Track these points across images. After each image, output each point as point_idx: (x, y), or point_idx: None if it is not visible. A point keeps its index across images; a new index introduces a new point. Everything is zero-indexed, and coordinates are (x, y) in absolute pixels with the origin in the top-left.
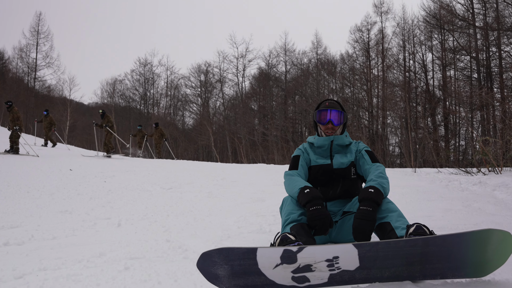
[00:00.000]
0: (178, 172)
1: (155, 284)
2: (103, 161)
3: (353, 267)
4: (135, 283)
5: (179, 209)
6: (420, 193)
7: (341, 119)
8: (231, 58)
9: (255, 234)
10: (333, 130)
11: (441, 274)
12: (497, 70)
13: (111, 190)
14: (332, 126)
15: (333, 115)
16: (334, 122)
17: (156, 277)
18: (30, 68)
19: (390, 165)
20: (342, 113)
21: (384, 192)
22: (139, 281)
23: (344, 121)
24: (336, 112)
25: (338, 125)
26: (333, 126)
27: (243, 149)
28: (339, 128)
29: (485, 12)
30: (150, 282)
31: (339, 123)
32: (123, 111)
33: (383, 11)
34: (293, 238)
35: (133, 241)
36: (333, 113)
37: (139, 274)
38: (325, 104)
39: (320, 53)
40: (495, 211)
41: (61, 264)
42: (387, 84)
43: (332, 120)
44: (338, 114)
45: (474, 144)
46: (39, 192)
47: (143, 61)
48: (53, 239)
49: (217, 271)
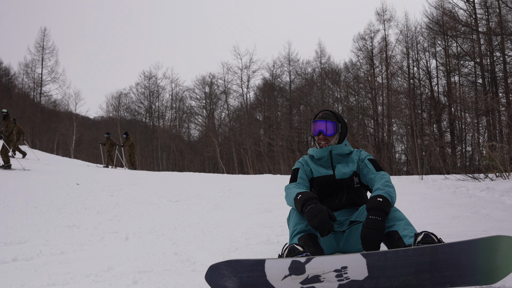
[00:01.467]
0: (185, 184)
1: None
2: (110, 175)
3: (362, 277)
4: None
5: (186, 221)
6: (427, 200)
7: (334, 130)
8: (235, 69)
9: (263, 246)
10: (326, 140)
11: (451, 282)
12: (502, 75)
13: (118, 203)
14: (324, 137)
15: (324, 126)
16: (324, 132)
17: None
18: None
19: (396, 173)
20: (335, 123)
21: (391, 201)
22: None
23: (339, 131)
24: (328, 123)
25: (330, 135)
26: (324, 137)
27: (249, 160)
28: (333, 138)
29: (487, 17)
30: None
31: (332, 133)
32: (128, 124)
33: (386, 19)
34: (301, 249)
35: (141, 254)
36: (325, 124)
37: (147, 287)
38: (319, 115)
39: (324, 62)
40: (504, 217)
41: (69, 279)
42: (391, 92)
43: (323, 130)
44: (331, 125)
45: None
46: (47, 207)
47: (147, 74)
48: (61, 254)
49: (226, 284)
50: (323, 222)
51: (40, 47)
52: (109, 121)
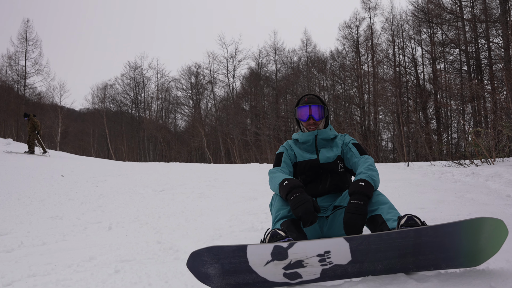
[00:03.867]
0: (171, 174)
1: (146, 286)
2: (95, 166)
3: (345, 261)
4: (126, 286)
5: (170, 210)
6: (413, 186)
7: (321, 113)
8: (221, 59)
9: (247, 232)
10: (316, 125)
11: (435, 265)
12: (487, 62)
13: (103, 194)
14: (314, 121)
15: (313, 110)
16: (315, 117)
17: (146, 279)
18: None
19: (383, 160)
20: (322, 107)
21: (374, 185)
22: (129, 284)
23: (326, 114)
24: (316, 107)
25: (319, 119)
26: (314, 121)
27: (236, 149)
28: (321, 122)
29: (472, 5)
30: (140, 284)
31: (320, 117)
32: (114, 116)
33: (371, 7)
34: (283, 234)
35: (123, 244)
36: (313, 109)
37: (129, 276)
38: (304, 100)
39: (310, 51)
40: (488, 201)
41: (50, 269)
42: (377, 80)
43: (313, 115)
44: (318, 109)
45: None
46: (30, 198)
47: (133, 65)
48: (42, 245)
49: (208, 270)
50: (307, 213)
51: (23, 38)
52: (95, 113)
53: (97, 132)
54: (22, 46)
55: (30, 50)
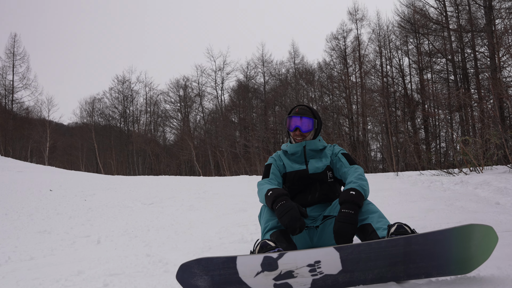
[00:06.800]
0: (160, 187)
1: None
2: (84, 180)
3: (336, 270)
4: None
5: (160, 223)
6: (402, 195)
7: (310, 126)
8: (209, 72)
9: (237, 244)
10: (302, 136)
11: (426, 273)
12: (473, 71)
13: (91, 208)
14: (300, 133)
15: (302, 122)
16: (301, 129)
17: None
18: (7, 91)
19: (372, 170)
20: (311, 119)
21: (364, 194)
22: None
23: (315, 127)
24: (305, 119)
25: (306, 131)
26: (301, 133)
27: (226, 162)
28: (309, 134)
29: (458, 15)
30: None
31: (308, 129)
32: (103, 130)
33: (358, 18)
34: (273, 245)
35: (112, 257)
36: (302, 120)
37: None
38: (295, 110)
39: (298, 62)
40: (478, 208)
41: (38, 284)
42: (365, 90)
43: (299, 126)
44: (308, 121)
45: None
46: (18, 213)
47: (121, 79)
48: (30, 259)
49: (197, 283)
50: (293, 220)
51: (10, 53)
52: (83, 127)
53: (85, 146)
54: (9, 60)
55: (17, 65)
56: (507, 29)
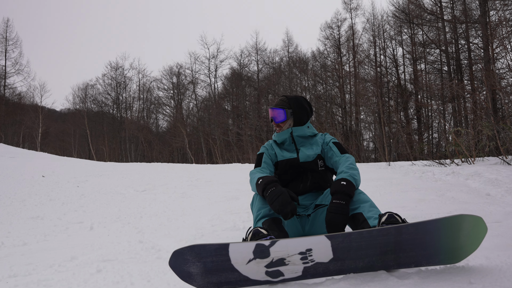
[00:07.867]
0: (152, 174)
1: (128, 285)
2: (77, 166)
3: (327, 259)
4: (108, 285)
5: (152, 210)
6: (394, 185)
7: (281, 116)
8: (202, 59)
9: (229, 232)
10: (279, 127)
11: (415, 262)
12: (467, 62)
13: (84, 194)
14: (276, 124)
15: (274, 112)
16: (274, 119)
17: (128, 278)
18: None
19: (365, 160)
20: (282, 110)
21: (355, 184)
22: (111, 283)
23: (289, 117)
24: (275, 110)
25: (279, 122)
26: (276, 124)
27: (218, 149)
28: (285, 124)
29: (452, 6)
30: (122, 284)
31: (280, 120)
32: (96, 116)
33: (353, 8)
34: (265, 232)
35: (105, 243)
36: (274, 111)
37: (111, 276)
38: (274, 102)
39: (292, 51)
40: (468, 199)
41: (31, 269)
42: (359, 80)
43: (273, 117)
44: (279, 112)
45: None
46: (10, 199)
47: (114, 65)
48: (23, 245)
49: (190, 269)
50: (284, 204)
51: (3, 38)
52: (76, 113)
53: (78, 133)
54: (1, 45)
55: (10, 50)
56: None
